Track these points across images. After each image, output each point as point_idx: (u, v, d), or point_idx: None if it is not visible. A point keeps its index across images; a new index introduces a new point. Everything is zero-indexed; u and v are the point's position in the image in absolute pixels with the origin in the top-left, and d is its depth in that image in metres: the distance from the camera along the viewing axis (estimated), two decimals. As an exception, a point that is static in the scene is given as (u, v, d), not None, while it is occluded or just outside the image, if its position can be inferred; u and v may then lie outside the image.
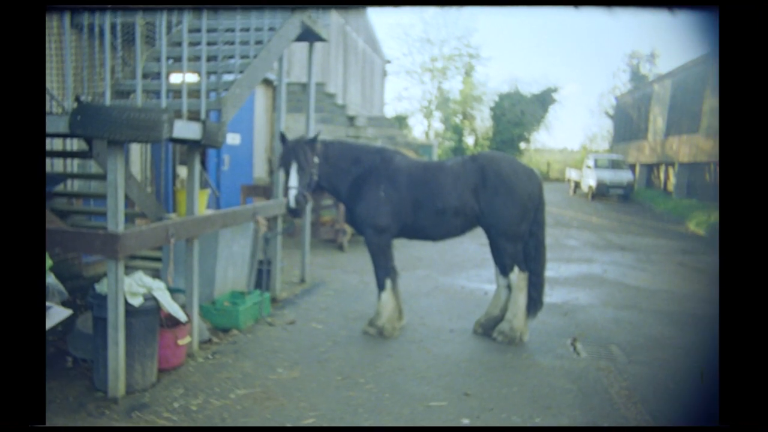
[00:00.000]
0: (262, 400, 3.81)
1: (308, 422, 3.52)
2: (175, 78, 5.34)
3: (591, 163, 23.37)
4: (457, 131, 37.49)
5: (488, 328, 5.30)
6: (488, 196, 4.95)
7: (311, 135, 4.93)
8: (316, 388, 4.05)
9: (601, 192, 22.07)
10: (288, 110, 10.20)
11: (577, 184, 25.64)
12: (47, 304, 1.81)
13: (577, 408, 3.85)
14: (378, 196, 5.00)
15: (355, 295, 6.69)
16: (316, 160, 4.91)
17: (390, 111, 37.65)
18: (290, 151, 4.85)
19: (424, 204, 5.02)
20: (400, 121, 34.69)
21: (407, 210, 5.05)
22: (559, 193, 25.58)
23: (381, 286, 5.18)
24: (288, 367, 4.40)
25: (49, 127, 3.65)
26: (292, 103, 10.87)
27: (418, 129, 40.90)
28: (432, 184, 5.02)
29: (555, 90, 35.64)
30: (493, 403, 3.87)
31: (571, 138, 55.84)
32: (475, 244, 10.35)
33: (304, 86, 8.31)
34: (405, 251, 9.46)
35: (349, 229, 9.46)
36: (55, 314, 1.78)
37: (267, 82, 11.33)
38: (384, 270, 5.17)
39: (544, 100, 35.43)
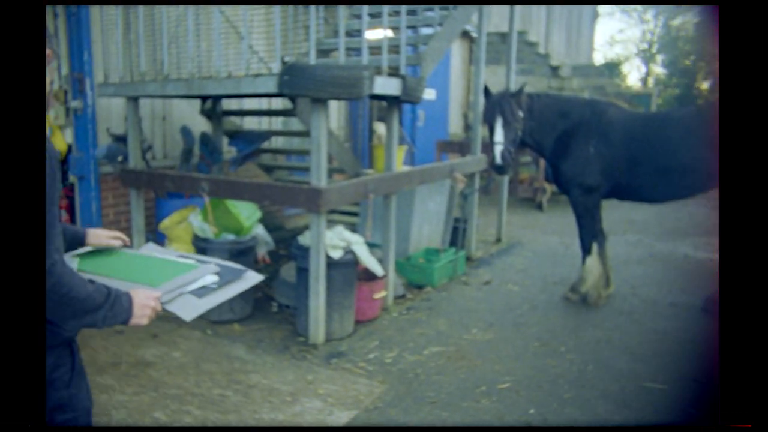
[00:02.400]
0: (456, 360, 3.78)
1: (504, 386, 3.40)
2: (373, 34, 5.44)
3: None
4: (688, 75, 33.02)
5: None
6: None
7: (515, 88, 4.68)
8: (512, 351, 3.91)
9: None
10: (485, 62, 9.90)
11: None
12: (241, 267, 1.91)
13: None
14: (587, 152, 4.60)
15: (555, 257, 6.32)
16: (521, 114, 4.65)
17: (600, 57, 34.67)
18: (495, 105, 4.67)
19: (642, 161, 4.49)
20: (611, 68, 31.72)
21: (621, 168, 4.57)
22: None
23: (586, 250, 4.79)
24: (483, 328, 4.31)
25: (260, 87, 3.94)
26: (490, 55, 10.47)
27: (634, 76, 37.08)
28: (654, 138, 4.47)
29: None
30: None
31: None
32: (705, 207, 9.08)
33: (504, 36, 7.93)
34: (614, 212, 8.66)
35: (549, 187, 8.98)
36: (250, 279, 1.87)
37: (463, 34, 11.10)
38: (590, 232, 4.76)
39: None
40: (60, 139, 5.16)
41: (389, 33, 5.20)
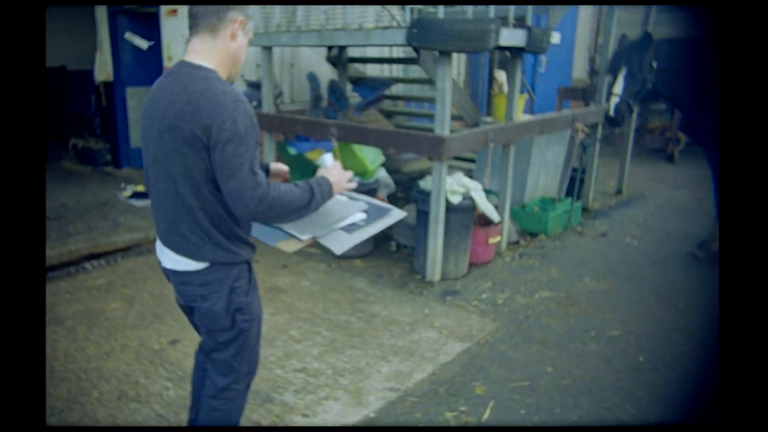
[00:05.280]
0: (566, 306, 3.99)
1: (614, 333, 3.58)
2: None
3: None
4: None
5: None
6: None
7: (644, 34, 4.56)
8: (624, 303, 4.05)
9: None
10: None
11: None
12: (387, 206, 2.27)
13: None
14: None
15: (683, 212, 6.18)
16: (654, 65, 4.53)
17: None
18: (622, 54, 4.59)
19: None
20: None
21: None
22: None
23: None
24: (596, 278, 4.46)
25: (389, 39, 4.23)
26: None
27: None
28: None
29: None
30: None
31: None
32: None
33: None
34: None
35: (683, 138, 8.59)
36: (394, 215, 2.23)
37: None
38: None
39: None
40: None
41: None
